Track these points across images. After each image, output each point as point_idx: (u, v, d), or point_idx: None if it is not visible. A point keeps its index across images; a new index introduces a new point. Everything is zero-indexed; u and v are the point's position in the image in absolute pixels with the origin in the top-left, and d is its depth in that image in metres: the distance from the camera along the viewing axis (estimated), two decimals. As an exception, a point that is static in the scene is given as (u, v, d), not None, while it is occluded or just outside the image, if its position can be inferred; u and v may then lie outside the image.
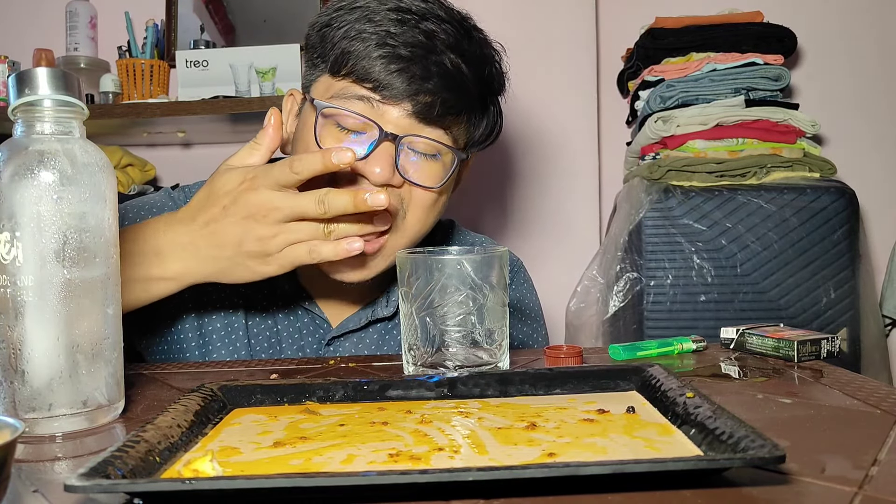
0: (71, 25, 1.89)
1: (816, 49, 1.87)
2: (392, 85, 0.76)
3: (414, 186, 0.79)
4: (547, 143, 1.83)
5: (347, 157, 0.66)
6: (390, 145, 0.77)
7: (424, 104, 0.77)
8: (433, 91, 0.77)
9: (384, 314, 0.90)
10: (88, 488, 0.38)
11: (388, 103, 0.77)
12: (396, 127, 0.77)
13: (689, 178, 1.55)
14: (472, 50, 0.81)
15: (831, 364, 0.70)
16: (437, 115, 0.77)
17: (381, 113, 0.77)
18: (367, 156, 0.76)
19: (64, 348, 0.53)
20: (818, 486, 0.40)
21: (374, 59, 0.76)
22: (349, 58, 0.77)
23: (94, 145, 0.56)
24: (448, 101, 0.78)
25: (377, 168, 0.76)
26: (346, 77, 0.78)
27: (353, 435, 0.49)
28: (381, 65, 0.76)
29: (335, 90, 0.79)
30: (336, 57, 0.78)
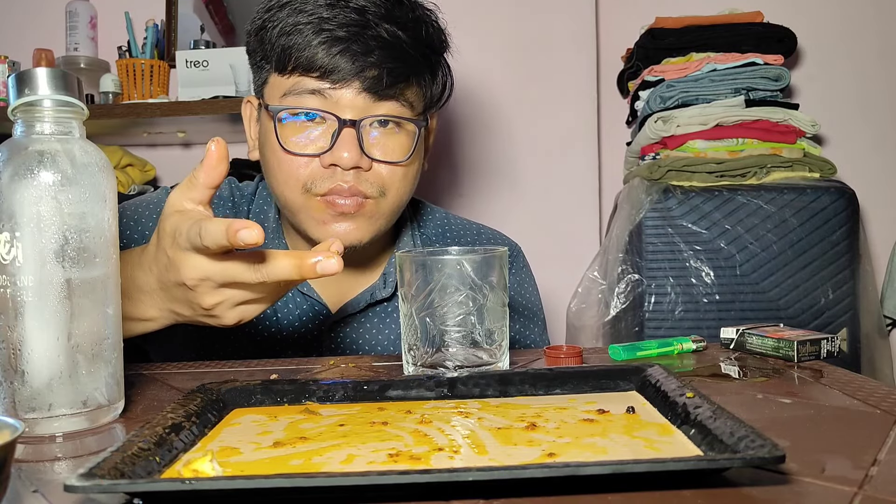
0: (71, 25, 1.89)
1: (816, 49, 1.87)
2: (338, 67, 0.78)
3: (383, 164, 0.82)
4: (547, 143, 1.83)
5: (253, 235, 0.55)
6: (351, 130, 0.80)
7: (373, 78, 0.79)
8: (377, 63, 0.79)
9: (383, 295, 0.91)
10: (88, 488, 0.38)
11: (338, 88, 0.79)
12: (352, 109, 0.80)
13: (689, 179, 1.55)
14: (404, 15, 0.83)
15: (831, 364, 0.70)
16: (386, 86, 0.80)
17: (336, 100, 0.80)
18: (332, 145, 0.80)
19: (64, 348, 0.53)
20: (818, 486, 0.40)
21: (315, 46, 0.78)
22: (291, 52, 0.80)
23: (94, 145, 0.56)
24: (394, 70, 0.80)
25: (345, 153, 0.79)
26: (293, 72, 0.80)
27: (353, 435, 0.49)
28: (322, 51, 0.78)
29: (286, 88, 0.81)
30: (278, 55, 0.81)
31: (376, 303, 0.92)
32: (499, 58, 1.82)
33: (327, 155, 0.80)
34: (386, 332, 0.92)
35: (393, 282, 0.92)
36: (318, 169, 0.81)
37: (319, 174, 0.81)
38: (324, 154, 0.80)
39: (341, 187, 0.81)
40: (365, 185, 0.82)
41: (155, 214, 0.91)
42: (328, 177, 0.81)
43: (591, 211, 1.83)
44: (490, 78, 1.82)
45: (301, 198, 0.83)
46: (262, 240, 0.56)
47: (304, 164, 0.82)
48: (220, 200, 0.95)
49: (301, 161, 0.82)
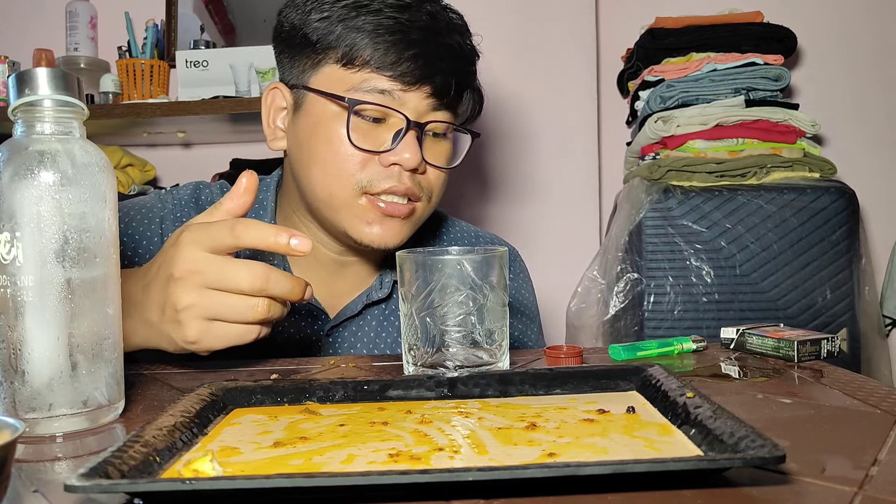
0: (71, 25, 1.89)
1: (816, 49, 1.87)
2: (410, 70, 0.79)
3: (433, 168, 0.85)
4: (547, 143, 1.83)
5: (306, 246, 0.60)
6: (415, 132, 0.81)
7: (441, 85, 0.81)
8: (448, 72, 0.81)
9: (379, 296, 0.91)
10: (88, 488, 0.38)
11: (407, 90, 0.80)
12: (416, 112, 0.82)
13: (689, 179, 1.55)
14: (463, 29, 0.86)
15: (831, 364, 0.70)
16: (453, 93, 0.83)
17: (403, 101, 0.81)
18: (396, 144, 0.81)
19: (64, 348, 0.53)
20: (818, 486, 0.40)
21: (389, 46, 0.79)
22: (363, 49, 0.79)
23: (94, 145, 0.56)
24: (460, 80, 0.83)
25: (407, 154, 0.80)
26: (363, 68, 0.80)
27: (354, 435, 0.49)
28: (396, 51, 0.79)
29: (352, 83, 0.81)
30: (346, 49, 0.80)
31: (373, 304, 0.92)
32: (499, 58, 1.82)
33: (391, 153, 0.81)
34: (383, 336, 0.92)
35: (389, 282, 0.92)
36: (377, 167, 0.81)
37: (377, 172, 0.81)
38: (387, 152, 0.81)
39: (398, 188, 0.82)
40: (418, 187, 0.84)
41: (146, 219, 0.90)
42: (386, 176, 0.81)
43: (591, 211, 1.83)
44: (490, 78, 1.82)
45: (350, 193, 0.82)
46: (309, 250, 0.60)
47: (363, 161, 0.81)
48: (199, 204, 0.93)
49: (360, 157, 0.81)
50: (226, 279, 0.61)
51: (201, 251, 0.62)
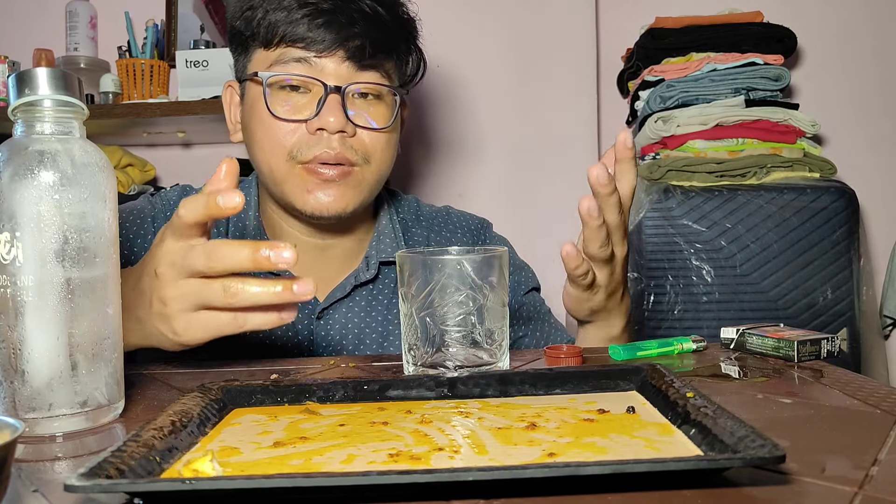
0: (71, 25, 1.89)
1: (816, 49, 1.87)
2: (322, 38, 0.83)
3: (367, 130, 0.87)
4: (547, 143, 1.82)
5: (235, 201, 0.57)
6: (336, 96, 0.84)
7: (356, 48, 0.84)
8: (360, 34, 0.84)
9: (366, 277, 0.93)
10: (88, 488, 0.38)
11: (323, 56, 0.84)
12: (336, 77, 0.84)
13: (689, 179, 1.55)
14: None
15: (831, 364, 0.70)
16: (368, 55, 0.84)
17: (321, 68, 0.84)
18: (319, 111, 0.83)
19: (64, 348, 0.53)
20: (818, 486, 0.40)
21: (300, 20, 0.83)
22: (277, 27, 0.84)
23: (94, 145, 0.56)
24: (376, 41, 0.85)
25: (331, 118, 0.83)
26: (280, 45, 0.85)
27: (354, 435, 0.49)
28: (307, 22, 0.83)
29: (272, 59, 0.85)
30: (265, 30, 0.85)
31: (361, 285, 0.94)
32: (499, 58, 1.82)
33: (314, 120, 0.84)
34: (373, 315, 0.93)
35: (375, 264, 0.94)
36: (304, 136, 0.85)
37: (306, 140, 0.85)
38: (311, 119, 0.84)
39: (328, 153, 0.84)
40: (349, 151, 0.85)
41: (139, 221, 0.93)
42: (315, 143, 0.84)
43: (591, 211, 1.83)
44: (490, 78, 1.82)
45: (286, 166, 0.86)
46: (243, 201, 0.57)
47: (291, 132, 0.85)
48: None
49: (288, 128, 0.85)
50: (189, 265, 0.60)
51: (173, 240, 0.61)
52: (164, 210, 0.95)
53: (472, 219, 1.07)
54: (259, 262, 0.57)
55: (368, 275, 0.93)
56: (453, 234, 1.03)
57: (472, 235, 1.04)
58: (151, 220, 0.93)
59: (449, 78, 1.81)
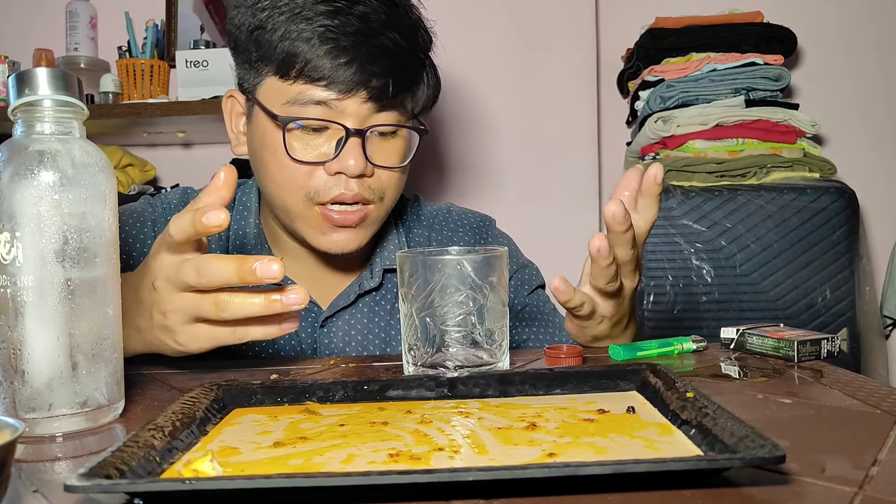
0: (71, 25, 1.89)
1: (816, 49, 1.87)
2: (344, 78, 0.79)
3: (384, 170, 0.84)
4: (547, 143, 1.82)
5: (220, 219, 0.58)
6: (357, 139, 0.81)
7: (378, 89, 0.80)
8: (383, 74, 0.80)
9: (370, 286, 0.92)
10: (88, 488, 0.38)
11: (344, 98, 0.80)
12: (356, 117, 0.81)
13: (689, 179, 1.55)
14: (402, 21, 0.83)
15: (831, 364, 0.70)
16: (391, 95, 0.81)
17: (341, 110, 0.80)
18: (338, 153, 0.81)
19: (64, 348, 0.53)
20: (818, 486, 0.40)
21: (322, 56, 0.79)
22: (295, 60, 0.79)
23: (94, 145, 0.56)
24: (398, 80, 0.81)
25: (351, 160, 0.80)
26: (298, 80, 0.80)
27: (353, 435, 0.49)
28: (328, 61, 0.78)
29: (289, 96, 0.81)
30: (281, 60, 0.80)
31: (365, 293, 0.93)
32: (499, 58, 1.82)
33: (334, 163, 0.81)
34: (377, 321, 0.93)
35: (379, 272, 0.93)
36: (322, 177, 0.82)
37: (323, 182, 0.82)
38: (330, 162, 0.81)
39: (345, 195, 0.82)
40: (367, 191, 0.83)
41: (138, 224, 0.92)
42: (333, 185, 0.82)
43: (591, 211, 1.83)
44: (490, 78, 1.82)
45: (302, 205, 0.83)
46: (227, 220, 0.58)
47: (308, 173, 0.82)
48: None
49: (304, 169, 0.82)
50: (181, 279, 0.61)
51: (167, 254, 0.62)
52: (164, 213, 0.93)
53: (473, 216, 1.06)
54: (245, 277, 0.58)
55: (373, 283, 0.92)
56: (454, 232, 1.02)
57: (474, 233, 1.03)
58: (152, 224, 0.92)
59: (449, 78, 1.81)
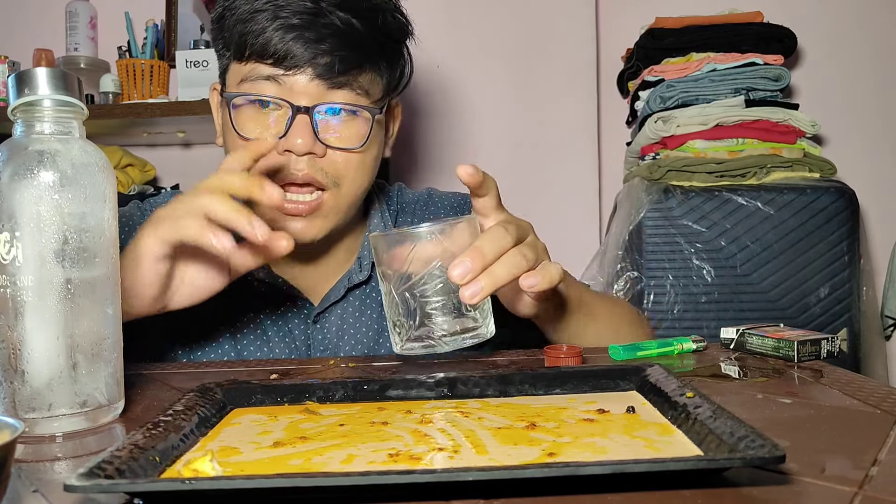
0: (71, 25, 1.89)
1: (816, 49, 1.87)
2: (291, 53, 0.79)
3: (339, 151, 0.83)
4: (547, 143, 1.82)
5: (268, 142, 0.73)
6: (305, 117, 0.80)
7: (325, 65, 0.80)
8: (329, 51, 0.80)
9: (360, 279, 0.92)
10: (88, 488, 0.38)
11: (292, 74, 0.80)
12: (306, 95, 0.81)
13: (689, 179, 1.55)
14: (359, 4, 0.83)
15: (831, 364, 0.70)
16: (338, 73, 0.81)
17: (290, 86, 0.81)
18: (287, 132, 0.80)
19: (64, 348, 0.53)
20: (818, 486, 0.40)
21: (269, 33, 0.80)
22: (247, 38, 0.81)
23: (94, 145, 0.56)
24: (347, 57, 0.81)
25: (298, 139, 0.80)
26: (250, 59, 0.82)
27: (353, 435, 0.49)
28: (276, 37, 0.79)
29: (243, 74, 0.83)
30: (236, 42, 0.82)
31: (355, 287, 0.93)
32: (499, 58, 1.82)
33: (282, 141, 0.80)
34: (368, 313, 0.93)
35: (368, 264, 0.92)
36: (272, 156, 0.81)
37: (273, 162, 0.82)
38: (279, 140, 0.81)
39: (294, 174, 0.81)
40: (319, 173, 0.82)
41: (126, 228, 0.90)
42: (282, 164, 0.82)
43: (591, 211, 1.83)
44: (490, 78, 1.82)
45: None
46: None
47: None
48: None
49: None
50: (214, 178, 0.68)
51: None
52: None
53: (454, 196, 1.05)
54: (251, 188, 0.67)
55: (361, 276, 0.92)
56: (437, 214, 1.02)
57: (455, 211, 1.03)
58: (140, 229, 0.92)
59: (449, 78, 1.81)
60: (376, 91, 0.85)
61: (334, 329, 0.92)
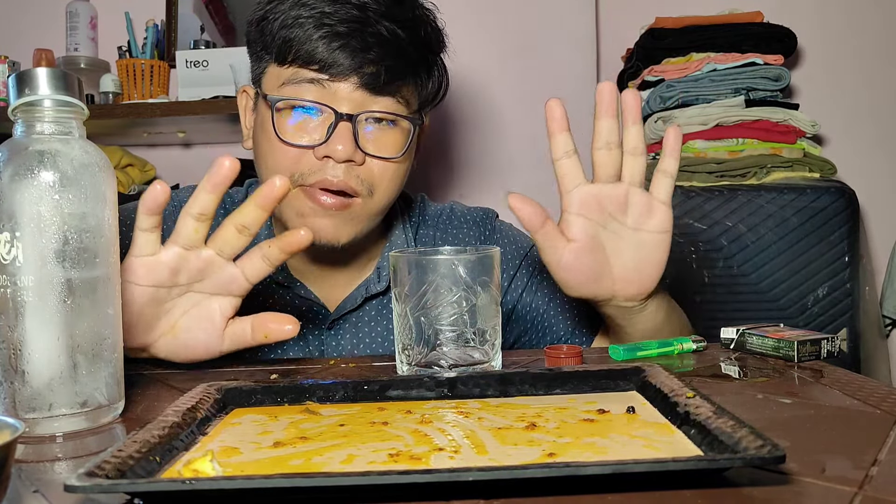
0: (71, 26, 1.89)
1: (816, 49, 1.87)
2: (336, 62, 0.80)
3: (376, 159, 0.83)
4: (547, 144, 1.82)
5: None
6: (347, 124, 0.80)
7: (370, 74, 0.80)
8: (375, 60, 0.80)
9: (378, 289, 0.91)
10: (88, 488, 0.38)
11: (336, 80, 0.81)
12: (349, 103, 0.81)
13: (690, 179, 1.55)
14: (404, 14, 0.84)
15: (831, 364, 0.70)
16: (384, 83, 0.81)
17: (333, 92, 0.81)
18: (328, 138, 0.80)
19: (64, 348, 0.53)
20: (818, 486, 0.40)
21: (315, 41, 0.80)
22: (292, 45, 0.81)
23: (94, 145, 0.56)
24: (392, 67, 0.81)
25: (339, 146, 0.80)
26: (293, 64, 0.82)
27: (354, 435, 0.49)
28: (322, 45, 0.80)
29: (285, 77, 0.83)
30: (279, 46, 0.82)
31: (372, 297, 0.92)
32: (498, 58, 1.82)
33: (322, 147, 0.81)
34: (384, 324, 0.92)
35: (387, 275, 0.91)
36: (309, 161, 0.82)
37: (310, 166, 0.82)
38: (319, 146, 0.81)
39: (330, 181, 0.81)
40: (355, 180, 0.82)
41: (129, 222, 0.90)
42: (318, 169, 0.81)
43: (591, 211, 1.83)
44: (490, 78, 1.82)
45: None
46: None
47: (297, 155, 0.82)
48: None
49: (293, 152, 0.82)
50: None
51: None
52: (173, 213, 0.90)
53: (475, 212, 1.04)
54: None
55: (380, 286, 0.91)
56: (459, 229, 1.01)
57: (477, 227, 1.02)
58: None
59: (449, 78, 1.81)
60: (414, 101, 0.86)
61: (348, 336, 0.91)
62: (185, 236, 0.67)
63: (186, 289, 0.70)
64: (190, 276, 0.69)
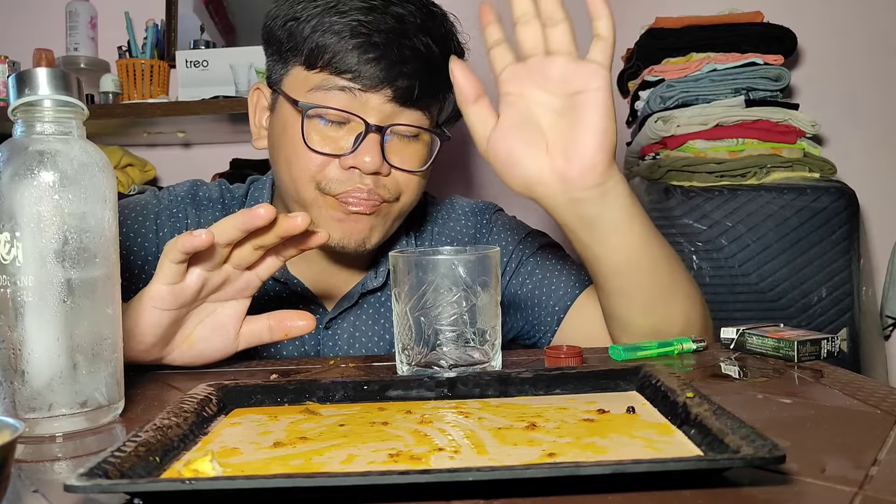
0: (71, 25, 1.89)
1: (816, 49, 1.87)
2: (370, 73, 0.79)
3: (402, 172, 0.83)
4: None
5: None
6: (376, 136, 0.80)
7: (404, 89, 0.80)
8: (411, 75, 0.80)
9: (374, 285, 0.91)
10: (88, 488, 0.38)
11: (368, 91, 0.79)
12: (379, 114, 0.80)
13: (690, 179, 1.55)
14: (437, 28, 0.83)
15: (831, 364, 0.70)
16: (416, 98, 0.80)
17: (364, 102, 0.80)
18: (356, 148, 0.79)
19: (64, 348, 0.53)
20: (818, 486, 0.40)
21: (350, 50, 0.78)
22: (324, 51, 0.79)
23: (94, 145, 0.56)
24: (424, 82, 0.81)
25: (367, 157, 0.79)
26: (324, 70, 0.80)
27: (354, 435, 0.49)
28: (357, 55, 0.78)
29: (314, 83, 0.81)
30: (310, 51, 0.80)
31: (369, 293, 0.92)
32: (499, 58, 1.82)
33: (349, 157, 0.80)
34: (382, 322, 0.92)
35: (384, 271, 0.91)
36: (335, 169, 0.81)
37: (336, 175, 0.81)
38: (346, 156, 0.80)
39: (359, 190, 0.81)
40: (382, 189, 0.82)
41: (141, 216, 0.90)
42: (346, 179, 0.81)
43: (591, 211, 1.82)
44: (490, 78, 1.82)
45: (313, 194, 0.82)
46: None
47: (322, 163, 0.81)
48: (210, 202, 0.94)
49: (319, 159, 0.81)
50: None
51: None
52: (170, 205, 0.92)
53: (475, 204, 1.04)
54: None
55: (377, 282, 0.91)
56: (456, 222, 1.00)
57: (476, 217, 1.01)
58: (155, 217, 0.90)
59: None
60: (438, 115, 0.86)
61: (346, 336, 0.91)
62: (210, 261, 0.66)
63: (202, 301, 0.70)
64: (209, 291, 0.69)
